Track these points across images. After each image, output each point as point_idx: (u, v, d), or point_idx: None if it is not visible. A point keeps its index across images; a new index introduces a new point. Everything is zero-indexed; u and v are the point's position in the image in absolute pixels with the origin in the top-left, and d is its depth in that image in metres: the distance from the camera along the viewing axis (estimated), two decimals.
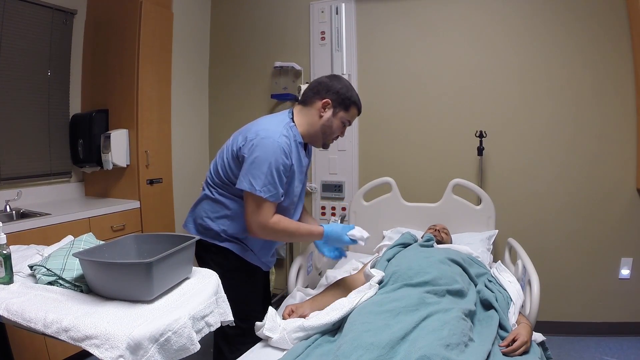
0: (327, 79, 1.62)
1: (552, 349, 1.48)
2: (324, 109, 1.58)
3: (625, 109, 2.44)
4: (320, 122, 1.58)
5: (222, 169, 1.56)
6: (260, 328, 1.37)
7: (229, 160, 1.54)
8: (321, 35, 2.93)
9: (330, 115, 1.58)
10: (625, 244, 2.49)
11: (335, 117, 1.59)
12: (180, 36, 2.94)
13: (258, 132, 1.47)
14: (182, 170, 2.99)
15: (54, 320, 1.00)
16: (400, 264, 1.59)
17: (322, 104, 1.58)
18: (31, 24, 2.40)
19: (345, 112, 1.60)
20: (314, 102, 1.59)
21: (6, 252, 1.21)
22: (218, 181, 1.58)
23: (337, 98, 1.58)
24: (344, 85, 1.60)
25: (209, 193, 1.59)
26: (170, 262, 1.16)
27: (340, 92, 1.58)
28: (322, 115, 1.58)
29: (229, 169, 1.54)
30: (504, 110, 2.63)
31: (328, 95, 1.57)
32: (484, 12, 2.63)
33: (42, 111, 2.51)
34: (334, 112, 1.58)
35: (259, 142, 1.44)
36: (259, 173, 1.42)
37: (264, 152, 1.43)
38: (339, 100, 1.58)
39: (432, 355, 1.06)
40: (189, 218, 1.65)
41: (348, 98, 1.59)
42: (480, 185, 2.55)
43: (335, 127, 1.61)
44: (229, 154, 1.55)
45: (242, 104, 3.20)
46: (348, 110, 1.61)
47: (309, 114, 1.59)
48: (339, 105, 1.58)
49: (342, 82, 1.61)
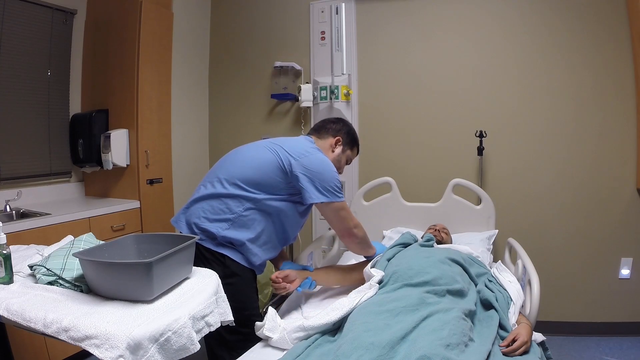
0: (337, 119, 1.82)
1: (552, 349, 1.48)
2: (335, 146, 1.75)
3: (625, 108, 2.44)
4: (331, 156, 1.73)
5: (256, 176, 1.56)
6: (260, 328, 1.37)
7: (270, 171, 1.56)
8: (321, 35, 2.93)
9: (340, 152, 1.76)
10: (625, 244, 2.49)
11: (343, 154, 1.77)
12: (180, 36, 2.94)
13: (308, 151, 1.60)
14: (182, 170, 2.99)
15: (53, 320, 1.00)
16: (401, 264, 1.59)
17: (335, 141, 1.75)
18: (31, 24, 2.40)
19: (350, 151, 1.81)
20: (328, 137, 1.76)
21: (6, 252, 1.21)
22: (239, 184, 1.55)
23: (347, 137, 1.78)
24: (352, 128, 1.82)
25: (216, 192, 1.55)
26: (170, 262, 1.16)
27: (349, 132, 1.79)
28: (334, 151, 1.75)
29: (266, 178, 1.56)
30: (503, 110, 2.63)
31: (340, 134, 1.76)
32: (484, 12, 2.63)
33: (42, 111, 2.51)
34: (343, 150, 1.77)
35: (318, 157, 1.60)
36: (330, 184, 1.57)
37: (327, 165, 1.60)
38: (348, 140, 1.78)
39: (432, 355, 1.06)
40: (180, 216, 1.61)
41: (355, 140, 1.81)
42: (480, 185, 2.55)
43: (342, 163, 1.79)
44: (272, 165, 1.57)
45: (242, 104, 3.20)
46: (353, 150, 1.81)
47: (322, 147, 1.73)
48: (347, 144, 1.78)
49: (349, 124, 1.82)
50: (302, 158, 1.57)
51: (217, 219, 1.53)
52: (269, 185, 1.56)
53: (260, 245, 1.57)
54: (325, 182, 1.56)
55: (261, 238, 1.57)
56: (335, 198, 1.58)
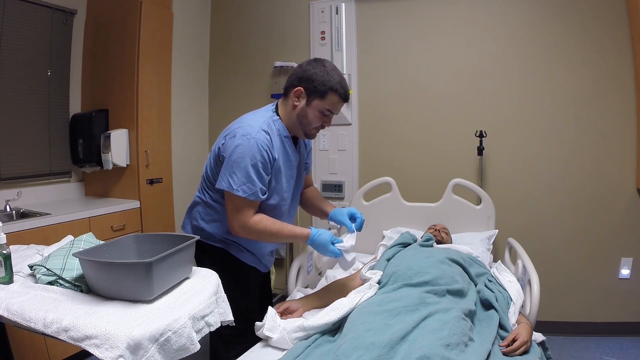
0: (305, 63, 1.49)
1: (552, 349, 1.48)
2: (297, 98, 1.47)
3: (625, 108, 2.44)
4: (294, 112, 1.49)
5: (210, 171, 1.55)
6: (260, 328, 1.37)
7: (212, 161, 1.52)
8: (321, 35, 2.93)
9: (304, 105, 1.47)
10: (625, 244, 2.49)
11: (309, 106, 1.47)
12: (180, 36, 2.94)
13: (236, 131, 1.42)
14: (182, 170, 2.99)
15: (54, 320, 1.00)
16: (400, 264, 1.59)
17: (294, 93, 1.47)
18: (31, 24, 2.40)
19: (321, 100, 1.46)
20: (289, 91, 1.49)
21: (6, 252, 1.21)
22: (209, 184, 1.56)
23: (310, 85, 1.45)
24: (320, 70, 1.44)
25: (202, 197, 1.58)
26: (170, 262, 1.16)
27: (314, 78, 1.44)
28: (296, 105, 1.48)
29: (212, 170, 1.53)
30: (504, 110, 2.63)
31: (301, 83, 1.46)
32: (484, 12, 2.63)
33: (42, 111, 2.51)
34: (307, 101, 1.47)
35: (236, 140, 1.40)
36: (236, 172, 1.39)
37: (241, 150, 1.38)
38: (312, 88, 1.45)
39: (432, 355, 1.06)
40: (186, 220, 1.65)
41: (323, 84, 1.43)
42: (480, 185, 2.55)
43: (312, 117, 1.48)
44: (212, 155, 1.52)
45: (242, 104, 3.19)
46: (324, 98, 1.45)
47: (286, 104, 1.51)
48: (312, 93, 1.45)
49: (319, 66, 1.46)
50: (225, 143, 1.44)
51: (211, 219, 1.56)
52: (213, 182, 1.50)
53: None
54: (229, 167, 1.40)
55: None
56: (229, 188, 1.39)
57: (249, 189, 1.39)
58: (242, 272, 1.60)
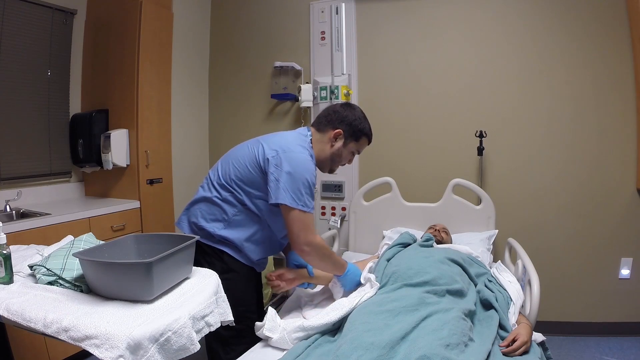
0: (341, 108, 1.65)
1: (552, 349, 1.48)
2: (335, 139, 1.62)
3: (625, 108, 2.44)
4: (330, 150, 1.62)
5: (239, 174, 1.54)
6: (260, 328, 1.37)
7: (250, 168, 1.52)
8: (321, 35, 2.93)
9: (341, 146, 1.63)
10: (625, 244, 2.49)
11: (345, 147, 1.64)
12: (180, 36, 2.94)
13: (289, 147, 1.49)
14: (182, 170, 2.99)
15: (54, 320, 1.00)
16: (400, 264, 1.59)
17: (334, 134, 1.61)
18: (31, 24, 2.40)
19: (355, 143, 1.65)
20: (327, 130, 1.62)
21: (6, 252, 1.21)
22: (227, 185, 1.55)
23: (349, 129, 1.61)
24: (357, 117, 1.63)
25: (210, 195, 1.57)
26: (170, 262, 1.16)
27: (353, 123, 1.62)
28: (333, 145, 1.62)
29: (247, 176, 1.52)
30: (503, 110, 2.63)
31: (341, 126, 1.61)
32: (484, 12, 2.63)
33: (42, 111, 2.51)
34: (344, 143, 1.63)
35: (293, 157, 1.47)
36: (301, 189, 1.44)
37: (300, 167, 1.46)
38: (350, 132, 1.62)
39: (432, 355, 1.06)
40: (182, 217, 1.64)
41: (360, 130, 1.63)
42: (480, 185, 2.55)
43: (344, 157, 1.66)
44: (251, 162, 1.52)
45: (242, 104, 3.20)
46: (358, 141, 1.65)
47: (321, 140, 1.62)
48: (350, 136, 1.62)
49: (355, 112, 1.64)
50: (277, 155, 1.47)
51: (213, 219, 1.55)
52: (250, 181, 1.51)
53: (257, 243, 1.58)
54: (293, 183, 1.44)
55: (256, 237, 1.57)
56: (297, 205, 1.43)
57: (311, 206, 1.48)
58: (241, 272, 1.60)
